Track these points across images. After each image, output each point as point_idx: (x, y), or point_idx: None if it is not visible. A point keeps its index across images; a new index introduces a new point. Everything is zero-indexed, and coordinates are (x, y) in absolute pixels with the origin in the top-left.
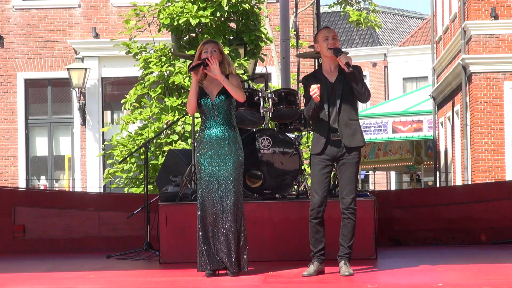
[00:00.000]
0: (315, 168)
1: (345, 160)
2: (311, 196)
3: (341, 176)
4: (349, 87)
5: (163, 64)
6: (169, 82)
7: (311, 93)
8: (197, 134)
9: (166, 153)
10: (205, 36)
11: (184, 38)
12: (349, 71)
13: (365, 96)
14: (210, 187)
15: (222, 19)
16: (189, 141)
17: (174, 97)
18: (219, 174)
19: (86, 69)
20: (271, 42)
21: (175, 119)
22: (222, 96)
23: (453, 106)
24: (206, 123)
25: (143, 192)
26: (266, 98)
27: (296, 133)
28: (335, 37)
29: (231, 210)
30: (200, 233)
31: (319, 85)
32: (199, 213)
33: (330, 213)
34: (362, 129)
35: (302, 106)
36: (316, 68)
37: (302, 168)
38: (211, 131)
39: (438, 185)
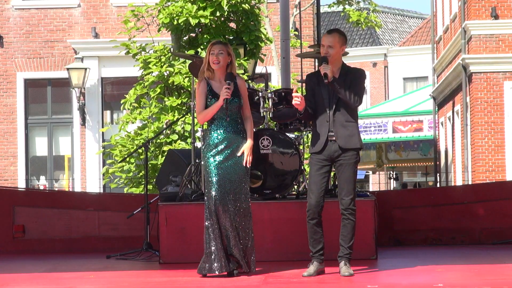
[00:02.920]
0: (312, 168)
1: (342, 160)
2: (308, 197)
3: (339, 177)
4: (347, 87)
5: (162, 64)
6: (169, 82)
7: (293, 101)
8: (202, 134)
9: (166, 153)
10: (205, 36)
11: (184, 38)
12: (325, 82)
13: (351, 103)
14: (223, 188)
15: (222, 19)
16: (189, 141)
17: (174, 97)
18: (232, 174)
19: (85, 69)
20: (271, 42)
21: (174, 119)
22: (236, 99)
23: (453, 106)
24: (217, 124)
25: (143, 192)
26: (266, 98)
27: (296, 133)
28: (332, 45)
29: (244, 210)
30: (212, 235)
31: (301, 96)
32: (216, 211)
33: (330, 213)
34: (359, 131)
35: None
36: (316, 68)
37: (302, 168)
38: (222, 132)
39: (438, 185)
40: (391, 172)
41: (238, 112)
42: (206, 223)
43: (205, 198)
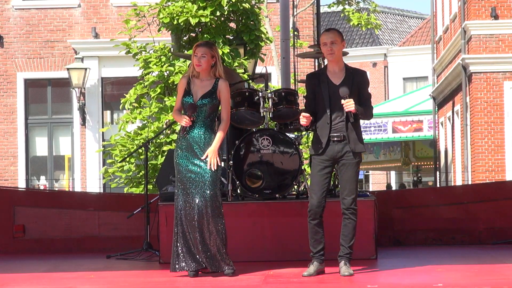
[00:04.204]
0: (314, 168)
1: (345, 161)
2: (309, 197)
3: (341, 177)
4: (355, 90)
5: (163, 64)
6: (169, 82)
7: (300, 120)
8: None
9: (166, 153)
10: (205, 36)
11: (184, 38)
12: (351, 120)
13: (369, 118)
14: (188, 188)
15: (222, 18)
16: None
17: (174, 97)
18: (196, 174)
19: (86, 69)
20: (271, 42)
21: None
22: (206, 99)
23: (453, 106)
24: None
25: (143, 192)
26: (266, 98)
27: (296, 133)
28: (334, 41)
29: (211, 211)
30: (180, 234)
31: (309, 117)
32: (181, 212)
33: (330, 213)
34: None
35: (302, 106)
36: (316, 68)
37: (302, 168)
38: (188, 132)
39: (438, 185)
40: (416, 175)
41: (209, 114)
42: (174, 222)
43: (175, 197)
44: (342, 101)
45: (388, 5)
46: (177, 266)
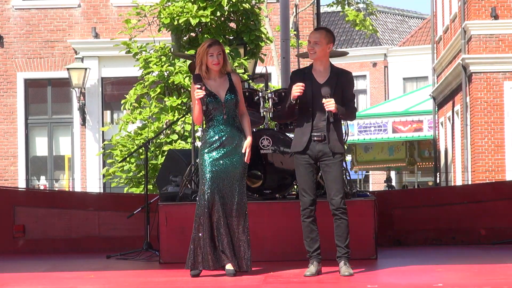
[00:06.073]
0: (299, 168)
1: (327, 161)
2: (300, 196)
3: (326, 177)
4: (339, 90)
5: (163, 64)
6: (169, 82)
7: (294, 89)
8: (201, 133)
9: (166, 153)
10: (205, 35)
11: (184, 38)
12: (331, 119)
13: (351, 119)
14: (216, 185)
15: (222, 19)
16: (189, 140)
17: (174, 97)
18: (227, 172)
19: (86, 69)
20: (271, 42)
21: (174, 119)
22: (232, 95)
23: (453, 106)
24: (214, 122)
25: (143, 192)
26: (266, 98)
27: None
28: (318, 42)
29: (237, 208)
30: (201, 233)
31: (303, 85)
32: (207, 210)
33: (324, 214)
34: (358, 131)
35: None
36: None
37: None
38: (220, 129)
39: (438, 185)
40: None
41: (236, 109)
42: (195, 219)
43: (198, 194)
44: (323, 100)
45: (388, 5)
46: (192, 261)
